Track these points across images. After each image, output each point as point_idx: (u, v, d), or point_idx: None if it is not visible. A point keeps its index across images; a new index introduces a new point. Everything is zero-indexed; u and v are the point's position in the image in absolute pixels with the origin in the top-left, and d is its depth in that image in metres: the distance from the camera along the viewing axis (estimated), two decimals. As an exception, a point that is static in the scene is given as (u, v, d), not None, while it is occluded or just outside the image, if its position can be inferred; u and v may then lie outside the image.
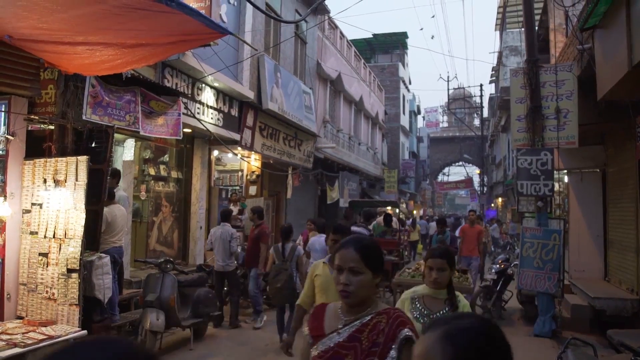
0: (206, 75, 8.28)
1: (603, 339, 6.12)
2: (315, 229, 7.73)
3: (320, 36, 15.29)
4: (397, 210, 15.93)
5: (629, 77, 5.21)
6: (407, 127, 33.97)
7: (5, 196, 5.01)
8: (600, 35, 6.32)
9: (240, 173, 11.56)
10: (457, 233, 10.74)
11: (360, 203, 14.37)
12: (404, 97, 32.40)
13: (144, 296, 5.95)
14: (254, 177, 11.80)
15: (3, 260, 5.05)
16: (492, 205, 32.83)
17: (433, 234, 11.23)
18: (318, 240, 7.36)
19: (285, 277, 6.35)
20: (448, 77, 61.48)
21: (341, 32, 18.38)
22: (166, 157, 9.28)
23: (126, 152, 7.86)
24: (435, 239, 9.73)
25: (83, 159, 4.97)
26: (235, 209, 10.45)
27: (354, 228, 9.27)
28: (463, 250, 9.59)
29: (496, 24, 24.95)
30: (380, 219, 12.34)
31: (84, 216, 4.85)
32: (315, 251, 7.11)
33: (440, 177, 48.85)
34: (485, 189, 35.44)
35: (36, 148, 5.31)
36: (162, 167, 8.97)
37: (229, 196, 10.93)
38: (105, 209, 6.07)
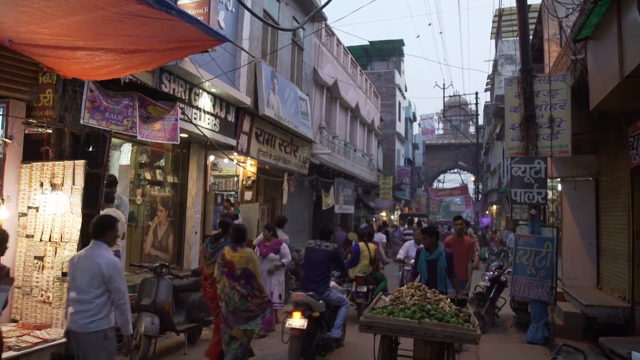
0: (203, 81, 8.33)
1: (595, 346, 6.17)
2: (272, 236, 7.76)
3: (317, 43, 15.38)
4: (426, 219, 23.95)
5: (620, 88, 5.30)
6: (403, 134, 34.10)
7: (2, 199, 5.02)
8: (593, 47, 6.43)
9: (236, 178, 11.59)
10: None
11: (406, 215, 24.79)
12: (399, 104, 32.54)
13: (138, 300, 5.96)
14: (249, 182, 11.83)
15: (-2, 263, 5.06)
16: (487, 212, 32.95)
17: (419, 250, 6.37)
18: (378, 235, 12.13)
19: None
20: (444, 84, 61.81)
21: (338, 39, 18.49)
22: (162, 162, 9.30)
23: (123, 156, 7.88)
24: (423, 261, 6.03)
25: (80, 163, 5.00)
26: (229, 215, 10.47)
27: (407, 230, 14.41)
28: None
29: (492, 33, 25.18)
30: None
31: (80, 220, 4.87)
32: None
33: (435, 184, 48.98)
34: (480, 196, 35.58)
35: (33, 152, 5.33)
36: (158, 171, 8.99)
37: (222, 202, 10.93)
38: (102, 213, 6.09)
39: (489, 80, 28.63)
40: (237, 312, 5.09)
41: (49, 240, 4.98)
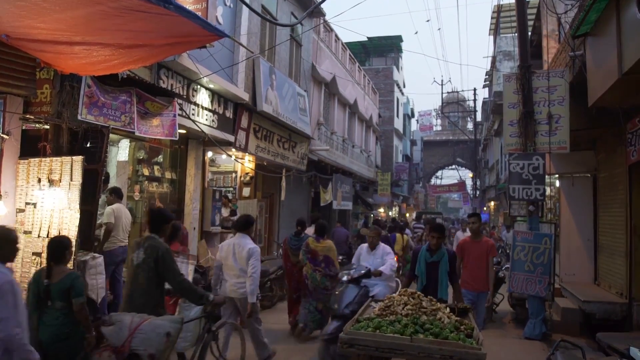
0: (201, 76, 8.30)
1: (593, 342, 6.20)
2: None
3: (315, 39, 15.34)
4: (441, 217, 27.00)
5: (619, 85, 5.31)
6: (401, 130, 34.10)
7: (-1, 195, 5.00)
8: (592, 43, 6.42)
9: (234, 174, 11.57)
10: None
11: (421, 212, 27.08)
12: (398, 100, 32.52)
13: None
14: (247, 178, 11.81)
15: (-4, 259, 5.04)
16: (485, 208, 33.01)
17: (418, 248, 5.75)
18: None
19: None
20: (442, 80, 61.81)
21: (336, 35, 18.44)
22: (160, 158, 9.27)
23: (120, 152, 7.86)
24: (422, 263, 5.39)
25: (78, 159, 4.99)
26: (225, 212, 10.46)
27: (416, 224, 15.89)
28: (465, 279, 6.22)
29: (490, 29, 25.16)
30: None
31: (78, 216, 4.86)
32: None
33: (433, 180, 49.01)
34: (477, 192, 35.63)
35: (31, 147, 5.31)
36: (156, 167, 8.97)
37: (220, 198, 10.92)
38: (113, 207, 6.16)
39: (487, 76, 28.65)
40: (318, 289, 6.70)
41: (47, 237, 4.95)
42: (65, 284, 3.60)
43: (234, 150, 10.34)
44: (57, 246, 3.79)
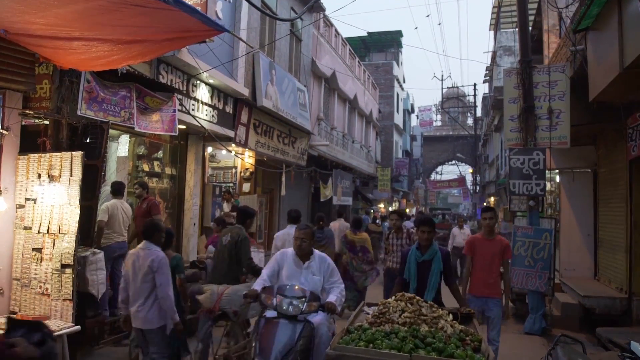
0: (201, 72, 8.27)
1: (592, 336, 6.20)
2: (219, 231, 7.29)
3: (315, 34, 15.29)
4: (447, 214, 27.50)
5: (620, 79, 5.29)
6: (401, 125, 34.05)
7: (-1, 191, 5.00)
8: (593, 37, 6.40)
9: (234, 170, 11.56)
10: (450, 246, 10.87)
11: (432, 209, 26.87)
12: (398, 95, 32.47)
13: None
14: (247, 174, 11.80)
15: (-4, 255, 5.04)
16: (485, 204, 33.03)
17: (407, 249, 4.91)
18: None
19: None
20: (442, 76, 61.69)
21: (336, 30, 18.39)
22: (160, 154, 9.26)
23: (120, 147, 7.84)
24: (412, 263, 4.63)
25: (78, 155, 4.97)
26: (227, 207, 10.45)
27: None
28: (474, 283, 5.36)
29: (490, 24, 25.06)
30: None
31: (78, 211, 4.85)
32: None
33: (433, 176, 49.01)
34: (477, 188, 35.63)
35: (31, 143, 5.30)
36: (156, 163, 8.96)
37: (222, 193, 10.90)
38: (108, 204, 6.16)
39: (487, 71, 28.56)
40: (354, 273, 8.06)
41: (47, 232, 4.96)
42: (172, 263, 4.63)
43: (233, 145, 10.33)
44: (166, 234, 4.74)
